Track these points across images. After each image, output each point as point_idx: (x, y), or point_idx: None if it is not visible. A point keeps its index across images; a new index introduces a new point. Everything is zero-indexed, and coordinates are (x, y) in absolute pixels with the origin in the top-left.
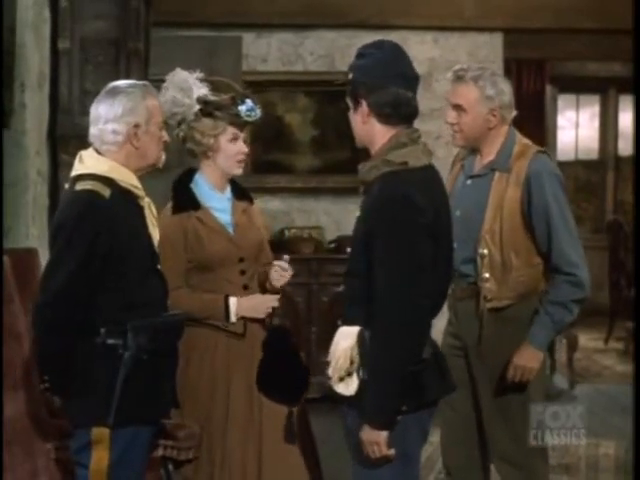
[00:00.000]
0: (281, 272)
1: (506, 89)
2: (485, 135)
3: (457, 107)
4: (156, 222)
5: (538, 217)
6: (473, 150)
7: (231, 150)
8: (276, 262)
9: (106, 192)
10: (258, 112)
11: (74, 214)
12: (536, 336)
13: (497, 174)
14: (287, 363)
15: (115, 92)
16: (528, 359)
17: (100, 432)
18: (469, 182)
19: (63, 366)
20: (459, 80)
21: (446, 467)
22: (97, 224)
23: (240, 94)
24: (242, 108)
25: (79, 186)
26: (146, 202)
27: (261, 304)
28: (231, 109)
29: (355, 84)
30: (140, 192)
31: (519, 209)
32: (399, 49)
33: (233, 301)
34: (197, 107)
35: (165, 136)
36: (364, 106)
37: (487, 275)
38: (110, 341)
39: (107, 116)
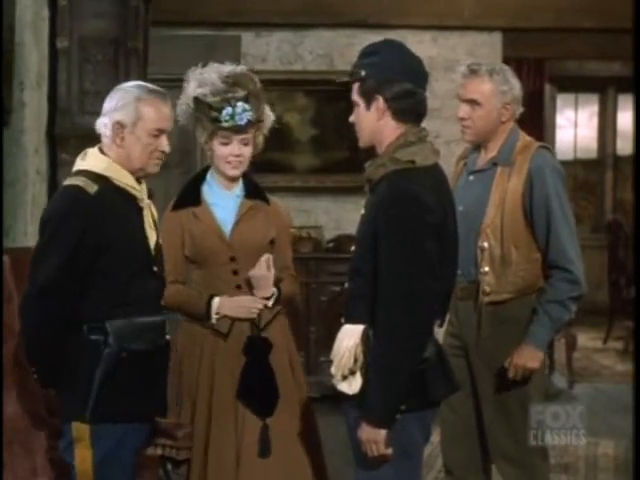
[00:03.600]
0: (260, 269)
1: (516, 84)
2: (496, 129)
3: (471, 102)
4: (155, 225)
5: (539, 210)
6: (476, 147)
7: (221, 152)
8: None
9: (92, 189)
10: (243, 117)
11: (58, 208)
12: (535, 335)
13: (499, 168)
14: (260, 377)
15: (118, 88)
16: (528, 358)
17: (80, 428)
18: (471, 178)
19: (49, 358)
20: (473, 74)
21: (447, 467)
22: (81, 219)
23: (233, 97)
24: (224, 113)
25: (68, 181)
26: (146, 204)
27: (243, 305)
28: (211, 114)
29: (369, 81)
30: (138, 193)
31: (520, 202)
32: (407, 47)
33: (216, 300)
34: (191, 107)
35: (162, 146)
36: (380, 102)
37: (487, 269)
38: (93, 337)
39: (104, 109)
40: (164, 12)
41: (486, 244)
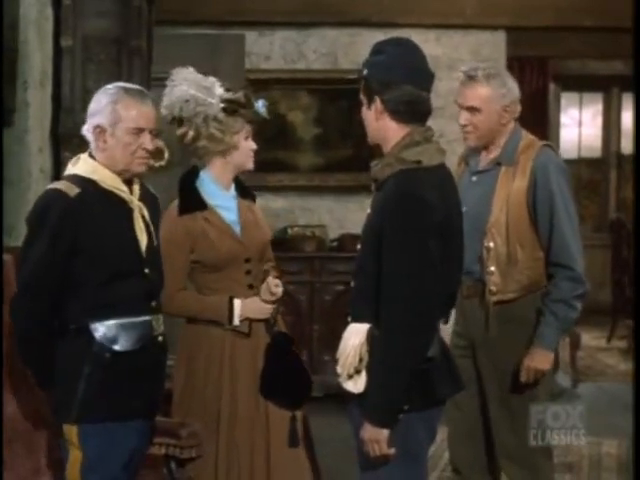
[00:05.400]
0: (269, 293)
1: (514, 85)
2: (498, 132)
3: (470, 108)
4: (147, 227)
5: (542, 208)
6: (477, 149)
7: (247, 147)
8: (269, 280)
9: (73, 191)
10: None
11: (36, 211)
12: (544, 337)
13: (503, 168)
14: (290, 369)
15: (98, 92)
16: (538, 361)
17: (69, 430)
18: (475, 178)
19: (38, 358)
20: (470, 80)
21: (454, 466)
22: (57, 221)
23: (247, 93)
24: (258, 105)
25: (51, 185)
26: (136, 206)
27: (263, 306)
28: (252, 107)
29: (370, 80)
30: (125, 195)
31: (525, 201)
32: (415, 47)
33: (237, 303)
34: (220, 105)
35: (145, 144)
36: (378, 103)
37: (493, 268)
38: (78, 338)
39: (87, 114)
40: (167, 11)
41: (492, 244)
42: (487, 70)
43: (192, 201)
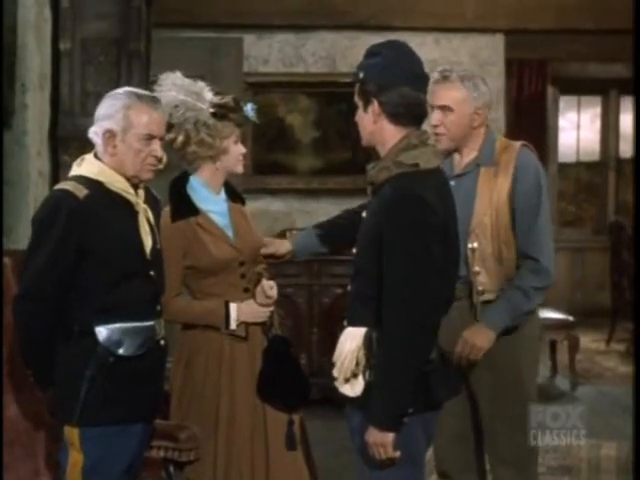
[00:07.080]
0: (264, 296)
1: (486, 90)
2: (469, 135)
3: (443, 108)
4: (152, 229)
5: (522, 204)
6: (448, 153)
7: (236, 151)
8: (263, 283)
9: (81, 193)
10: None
11: (44, 212)
12: (490, 316)
13: (483, 169)
14: (288, 373)
15: (109, 95)
16: (478, 337)
17: (70, 432)
18: (453, 183)
19: (40, 360)
20: (445, 80)
21: (442, 471)
22: (66, 223)
23: (235, 97)
24: (247, 109)
25: (58, 186)
26: (141, 208)
27: (259, 310)
28: (241, 111)
29: (366, 83)
30: (132, 197)
31: (507, 200)
32: (410, 49)
33: (233, 307)
34: (210, 110)
35: (155, 152)
36: (375, 105)
37: (477, 269)
38: (83, 341)
39: (95, 117)
40: (166, 14)
41: (476, 244)
42: (462, 72)
43: (184, 207)
